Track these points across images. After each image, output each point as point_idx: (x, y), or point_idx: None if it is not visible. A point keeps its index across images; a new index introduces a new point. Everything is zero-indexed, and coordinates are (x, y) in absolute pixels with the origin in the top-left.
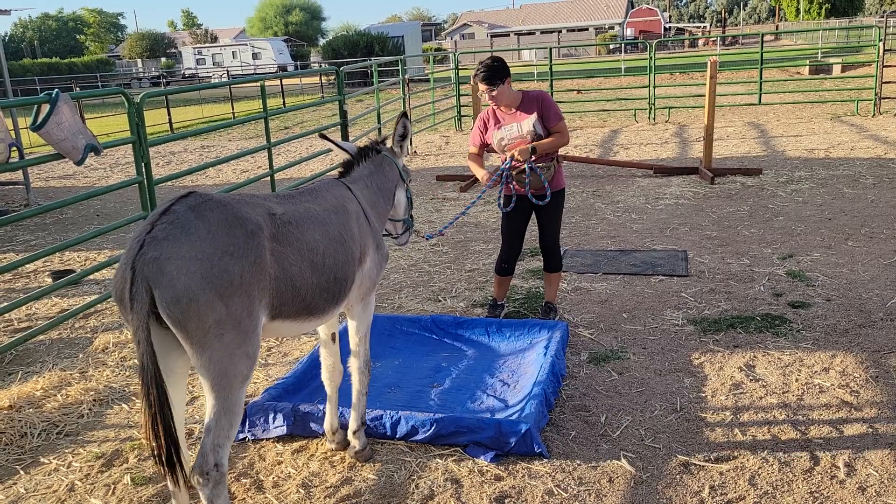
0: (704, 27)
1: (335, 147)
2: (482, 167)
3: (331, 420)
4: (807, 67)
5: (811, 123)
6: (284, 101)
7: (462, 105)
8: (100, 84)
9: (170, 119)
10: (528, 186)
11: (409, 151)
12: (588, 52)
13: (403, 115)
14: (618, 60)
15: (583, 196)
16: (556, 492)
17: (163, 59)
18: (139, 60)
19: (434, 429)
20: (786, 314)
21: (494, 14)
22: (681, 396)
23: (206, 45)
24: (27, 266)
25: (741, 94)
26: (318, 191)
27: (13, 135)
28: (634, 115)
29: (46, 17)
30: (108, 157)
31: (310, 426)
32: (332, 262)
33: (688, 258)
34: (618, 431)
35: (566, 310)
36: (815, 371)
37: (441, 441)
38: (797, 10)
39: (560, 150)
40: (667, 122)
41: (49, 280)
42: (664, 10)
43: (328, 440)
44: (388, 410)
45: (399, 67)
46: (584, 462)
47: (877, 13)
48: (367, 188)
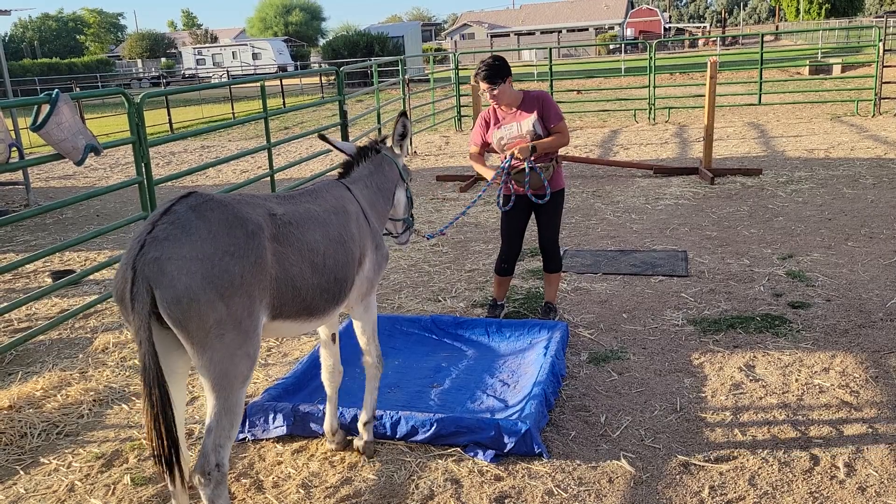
0: (704, 27)
1: (334, 148)
2: (485, 166)
3: (331, 421)
4: (807, 68)
5: (811, 124)
6: (284, 102)
7: (462, 105)
8: (100, 84)
9: (170, 119)
10: (528, 185)
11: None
12: (588, 53)
13: (403, 115)
14: (618, 61)
15: (583, 196)
16: (556, 492)
17: (163, 60)
18: (139, 61)
19: (434, 429)
20: (786, 314)
21: (494, 14)
22: (681, 397)
23: (206, 46)
24: (27, 266)
25: (741, 95)
26: (318, 191)
27: (13, 135)
28: (634, 116)
29: (46, 18)
30: (108, 158)
31: (310, 426)
32: (333, 263)
33: (688, 258)
34: (618, 432)
35: (566, 310)
36: (815, 371)
37: (441, 441)
38: (797, 11)
39: (560, 151)
40: (667, 123)
41: (49, 280)
42: (664, 11)
43: (328, 440)
44: (388, 411)
45: (399, 68)
46: (584, 462)
47: (876, 13)
48: (367, 188)
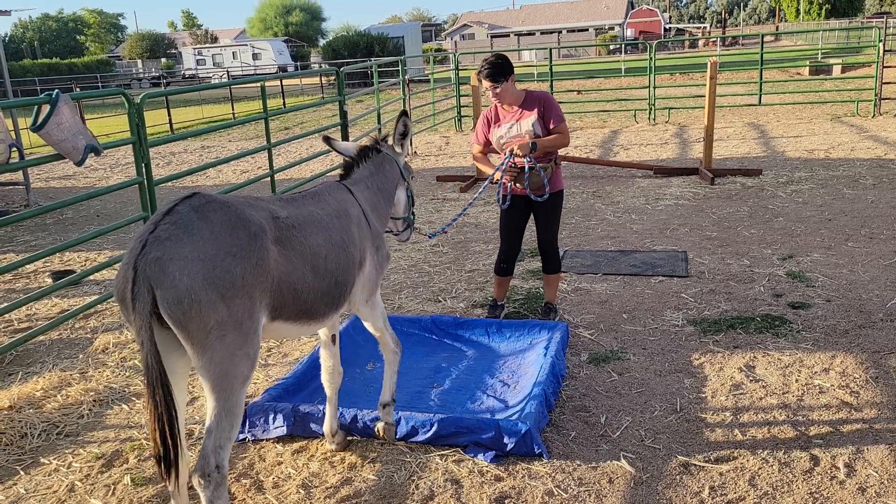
0: (704, 28)
1: (336, 151)
2: (489, 164)
3: (330, 422)
4: (807, 68)
5: (811, 124)
6: (284, 102)
7: (462, 106)
8: (100, 85)
9: (170, 120)
10: (528, 185)
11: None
12: (588, 53)
13: (404, 114)
14: (618, 61)
15: (583, 197)
16: (556, 492)
17: (163, 60)
18: (139, 61)
19: (434, 429)
20: (786, 315)
21: (494, 14)
22: (681, 397)
23: (207, 46)
24: (27, 266)
25: (741, 95)
26: (321, 194)
27: (13, 135)
28: (634, 116)
29: (46, 18)
30: (109, 158)
31: (310, 427)
32: (334, 267)
33: (688, 259)
34: (618, 432)
35: (566, 310)
36: (815, 372)
37: (441, 441)
38: (797, 11)
39: (560, 151)
40: (667, 123)
41: (49, 280)
42: (664, 11)
43: (328, 441)
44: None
45: (399, 68)
46: (584, 462)
47: (874, 14)
48: (368, 189)
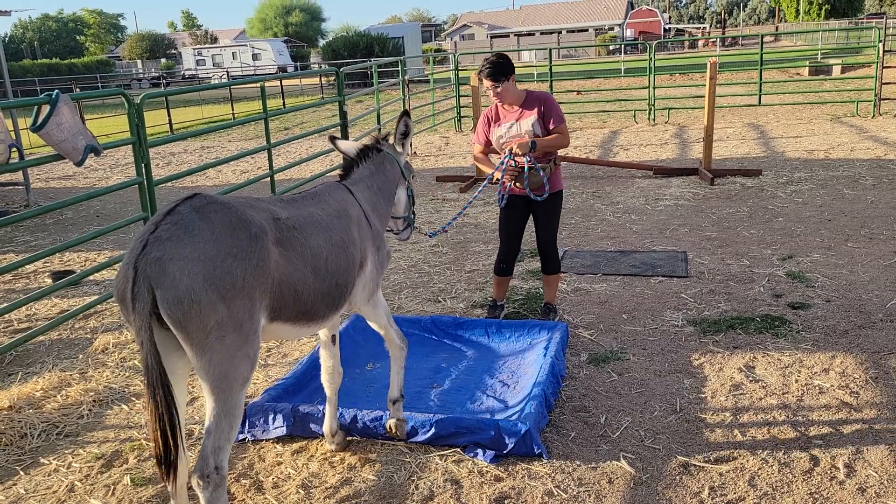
0: (704, 28)
1: (339, 151)
2: (489, 163)
3: (330, 422)
4: (806, 68)
5: (811, 124)
6: (284, 102)
7: (462, 106)
8: (100, 85)
9: (170, 120)
10: (527, 184)
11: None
12: (588, 53)
13: (405, 114)
14: (617, 61)
15: (582, 197)
16: (556, 492)
17: (163, 60)
18: (139, 61)
19: (434, 430)
20: (785, 315)
21: (494, 15)
22: (680, 397)
23: (206, 46)
24: (27, 267)
25: (741, 95)
26: (321, 195)
27: (13, 136)
28: (634, 116)
29: (46, 18)
30: (108, 158)
31: (309, 427)
32: (335, 268)
33: (687, 259)
34: (617, 432)
35: (566, 311)
36: (815, 372)
37: (441, 442)
38: (797, 11)
39: (560, 152)
40: (666, 123)
41: (49, 281)
42: (664, 11)
43: (328, 441)
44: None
45: (399, 68)
46: (584, 463)
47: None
48: (369, 189)
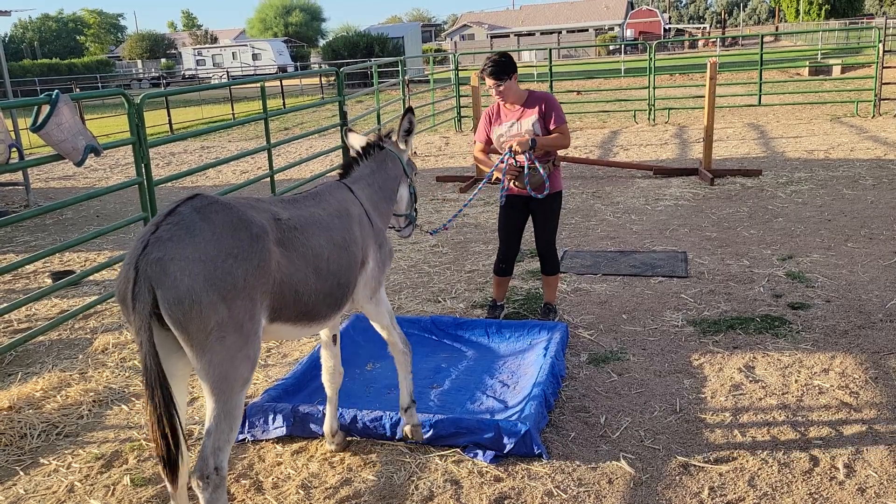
0: (704, 28)
1: (347, 144)
2: (489, 162)
3: (331, 422)
4: (806, 68)
5: (811, 124)
6: (284, 102)
7: (462, 106)
8: (100, 85)
9: (170, 120)
10: (528, 182)
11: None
12: (588, 53)
13: (409, 111)
14: (617, 61)
15: (582, 197)
16: (556, 493)
17: (163, 60)
18: (139, 61)
19: (434, 430)
20: (785, 315)
21: (494, 15)
22: (680, 397)
23: (206, 46)
24: (27, 267)
25: (741, 96)
26: (322, 194)
27: (13, 136)
28: (634, 116)
29: (46, 18)
30: (108, 158)
31: (309, 427)
32: (336, 268)
33: (687, 259)
34: (617, 432)
35: (566, 311)
36: (815, 372)
37: (441, 442)
38: (797, 12)
39: (560, 152)
40: (666, 124)
41: (49, 281)
42: (664, 11)
43: (328, 442)
44: (388, 411)
45: (399, 68)
46: (584, 463)
47: (876, 14)
48: (369, 187)
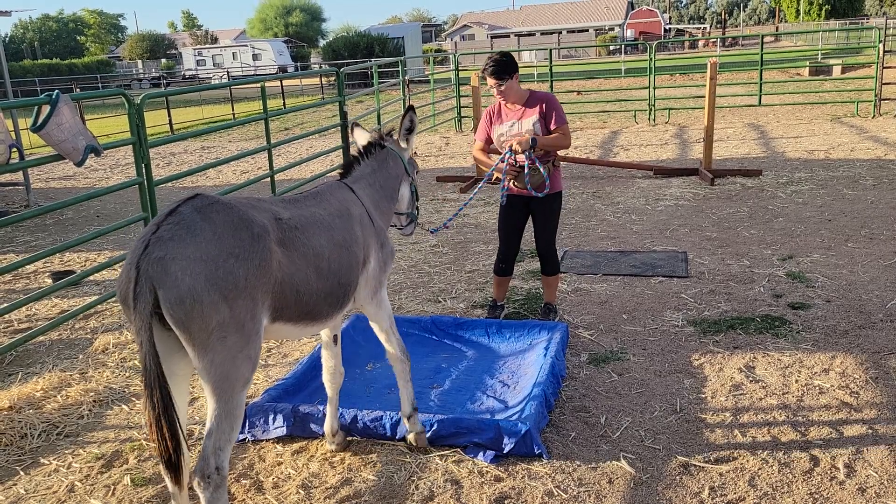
0: (704, 28)
1: (353, 139)
2: (489, 160)
3: (331, 422)
4: (807, 69)
5: (811, 125)
6: (284, 103)
7: (462, 106)
8: (100, 85)
9: (170, 120)
10: (528, 181)
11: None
12: (588, 54)
13: (411, 109)
14: (618, 62)
15: (583, 197)
16: (556, 493)
17: (163, 61)
18: (139, 61)
19: (434, 430)
20: (786, 315)
21: (494, 15)
22: (681, 397)
23: (207, 47)
24: (27, 267)
25: (741, 96)
26: (322, 194)
27: (13, 136)
28: (634, 117)
29: (47, 19)
30: (109, 158)
31: (310, 427)
32: (337, 268)
33: (688, 259)
34: (618, 432)
35: (566, 311)
36: (815, 372)
37: (441, 442)
38: (797, 12)
39: (560, 153)
40: (667, 124)
41: (49, 281)
42: (664, 12)
43: (328, 441)
44: (388, 411)
45: (399, 69)
46: (584, 463)
47: (876, 14)
48: (370, 187)
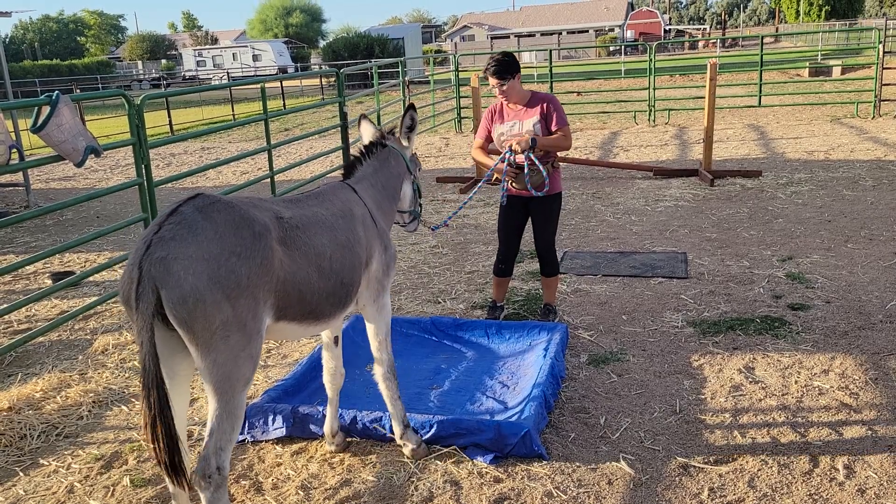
0: (704, 29)
1: (358, 131)
2: (488, 156)
3: (331, 423)
4: (806, 69)
5: (811, 125)
6: (285, 103)
7: (462, 107)
8: (100, 86)
9: (170, 121)
10: (528, 180)
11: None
12: (588, 54)
13: (411, 108)
14: (618, 62)
15: (582, 198)
16: (556, 493)
17: (163, 61)
18: (139, 62)
19: (433, 430)
20: (785, 316)
21: (494, 16)
22: (680, 398)
23: (207, 47)
24: (27, 268)
25: (741, 97)
26: (325, 194)
27: (13, 136)
28: (634, 117)
29: (47, 19)
30: (109, 159)
31: (309, 428)
32: (339, 267)
33: (687, 260)
34: (617, 433)
35: (566, 311)
36: (815, 373)
37: (440, 443)
38: (797, 13)
39: (560, 154)
40: (666, 124)
41: (49, 282)
42: (664, 13)
43: (328, 442)
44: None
45: (399, 69)
46: (584, 464)
47: (876, 15)
48: (373, 187)
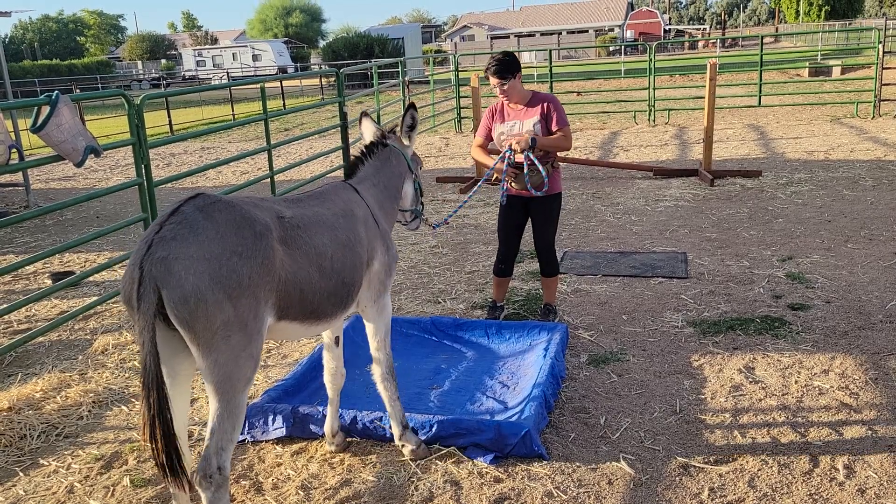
0: (704, 29)
1: (360, 129)
2: (488, 156)
3: (331, 423)
4: (806, 69)
5: (811, 125)
6: (284, 103)
7: (462, 107)
8: (100, 86)
9: (170, 121)
10: (528, 180)
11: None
12: (588, 54)
13: (412, 107)
14: (617, 62)
15: (582, 198)
16: (556, 493)
17: (163, 61)
18: (139, 62)
19: (433, 430)
20: (785, 316)
21: (494, 16)
22: (680, 398)
23: (207, 47)
24: (27, 268)
25: (741, 97)
26: (326, 194)
27: (13, 136)
28: (634, 117)
29: (47, 19)
30: (108, 159)
31: (309, 428)
32: (340, 267)
33: (687, 260)
34: (617, 433)
35: (566, 311)
36: (815, 373)
37: (440, 443)
38: (797, 13)
39: (560, 154)
40: (666, 124)
41: (49, 282)
42: (664, 13)
43: (328, 442)
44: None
45: (399, 69)
46: (584, 464)
47: (876, 15)
48: (375, 187)
